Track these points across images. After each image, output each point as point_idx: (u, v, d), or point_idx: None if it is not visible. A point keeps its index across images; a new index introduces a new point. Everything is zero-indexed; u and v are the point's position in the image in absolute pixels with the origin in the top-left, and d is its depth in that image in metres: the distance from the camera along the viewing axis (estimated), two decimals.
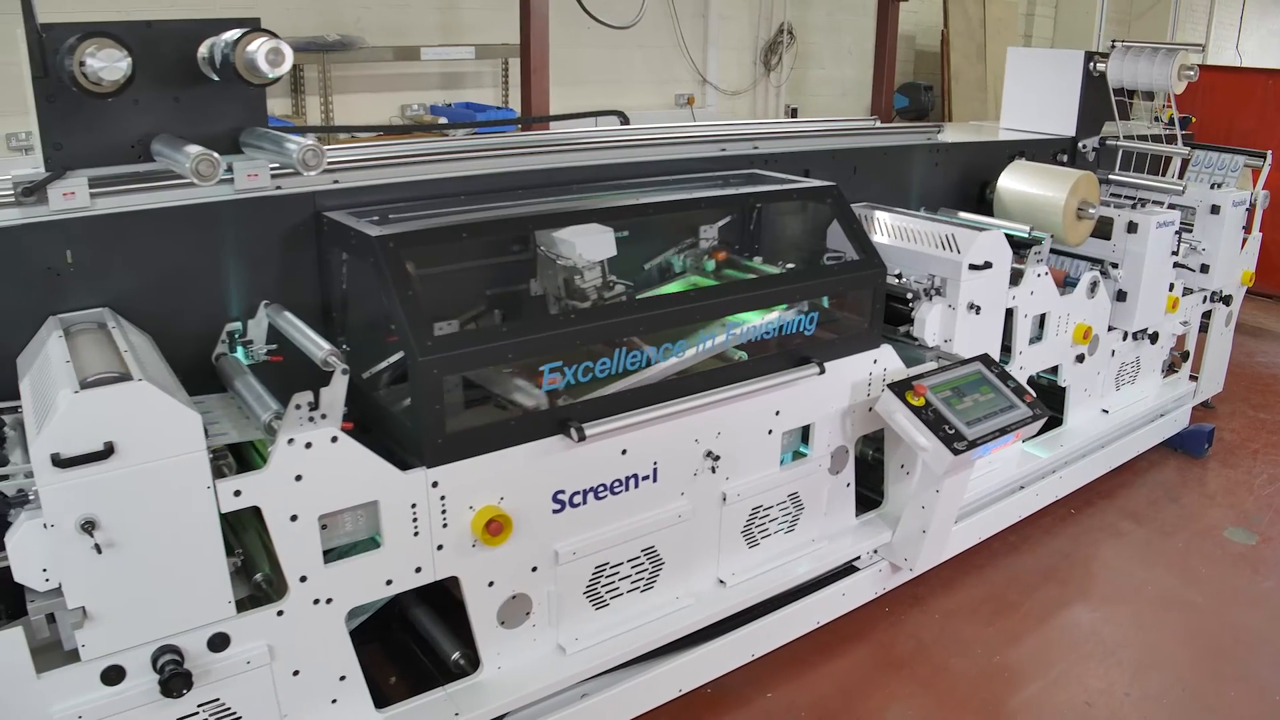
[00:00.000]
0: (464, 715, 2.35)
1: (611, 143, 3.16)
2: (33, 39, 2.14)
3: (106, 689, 1.96)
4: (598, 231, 2.40)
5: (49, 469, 1.79)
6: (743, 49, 7.52)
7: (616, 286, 2.43)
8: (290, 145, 2.02)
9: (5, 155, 4.81)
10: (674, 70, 7.06)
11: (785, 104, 7.89)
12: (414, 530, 2.23)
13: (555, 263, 2.42)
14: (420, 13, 5.78)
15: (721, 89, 7.29)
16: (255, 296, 2.53)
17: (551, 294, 2.51)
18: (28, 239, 2.27)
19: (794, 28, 7.62)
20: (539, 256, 2.50)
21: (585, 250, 2.35)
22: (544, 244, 2.52)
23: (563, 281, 2.43)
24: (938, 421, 2.89)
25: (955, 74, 8.01)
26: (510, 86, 6.05)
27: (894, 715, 2.84)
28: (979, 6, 7.99)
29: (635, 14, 4.94)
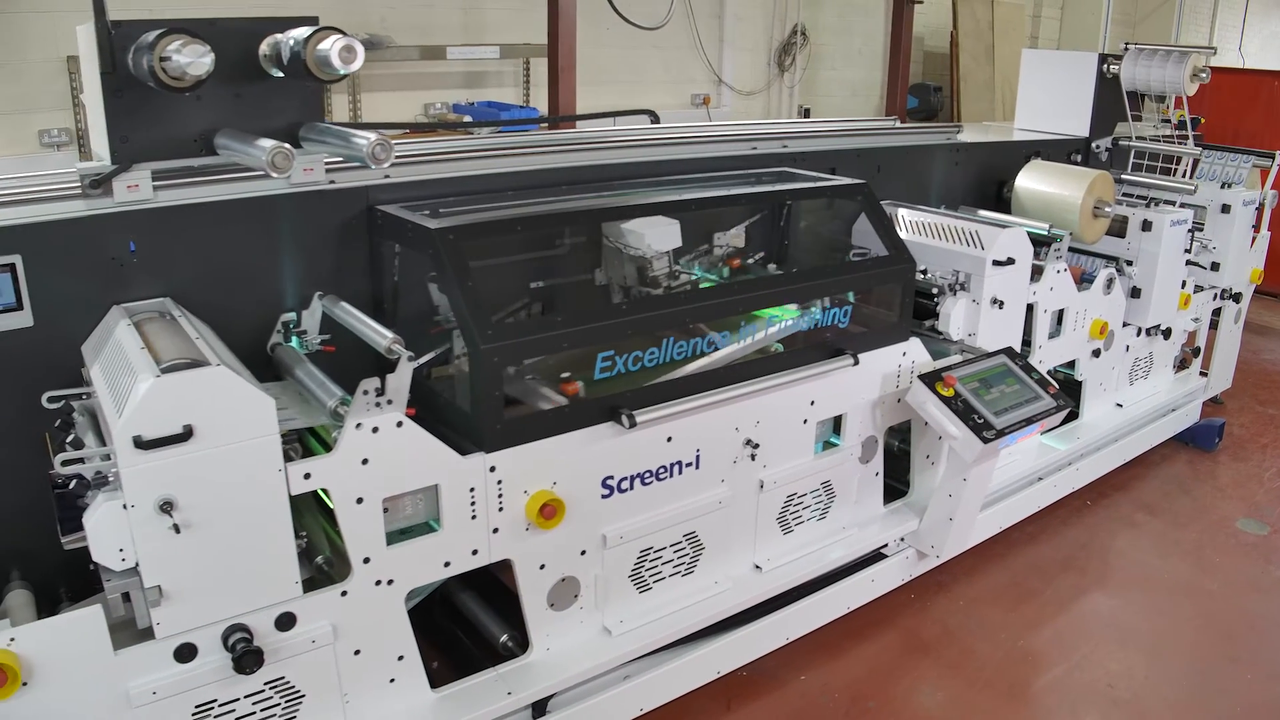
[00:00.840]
0: (516, 694, 2.39)
1: (648, 140, 3.21)
2: (103, 35, 2.18)
3: (179, 666, 2.00)
4: (664, 223, 2.44)
5: (131, 450, 1.83)
6: (757, 50, 7.58)
7: (681, 275, 2.48)
8: (359, 140, 2.06)
9: (38, 151, 4.83)
10: (690, 71, 7.11)
11: (798, 104, 7.95)
12: (472, 514, 2.27)
13: (622, 253, 2.46)
14: (444, 13, 5.81)
15: (736, 89, 7.34)
16: (309, 288, 2.58)
17: (617, 283, 2.56)
18: (93, 230, 2.31)
19: (806, 29, 7.69)
20: (604, 247, 2.55)
21: (654, 241, 2.39)
22: (611, 235, 2.56)
23: (635, 271, 2.48)
24: (967, 411, 2.95)
25: (964, 75, 8.08)
26: (531, 86, 6.09)
27: (924, 696, 2.90)
28: (987, 9, 8.07)
29: (663, 15, 4.98)
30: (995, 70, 8.12)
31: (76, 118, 4.79)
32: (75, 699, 1.92)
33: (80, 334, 2.32)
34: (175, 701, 2.02)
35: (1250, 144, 4.79)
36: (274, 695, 2.14)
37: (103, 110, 2.26)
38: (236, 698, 2.09)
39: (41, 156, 4.75)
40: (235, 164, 2.44)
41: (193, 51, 1.91)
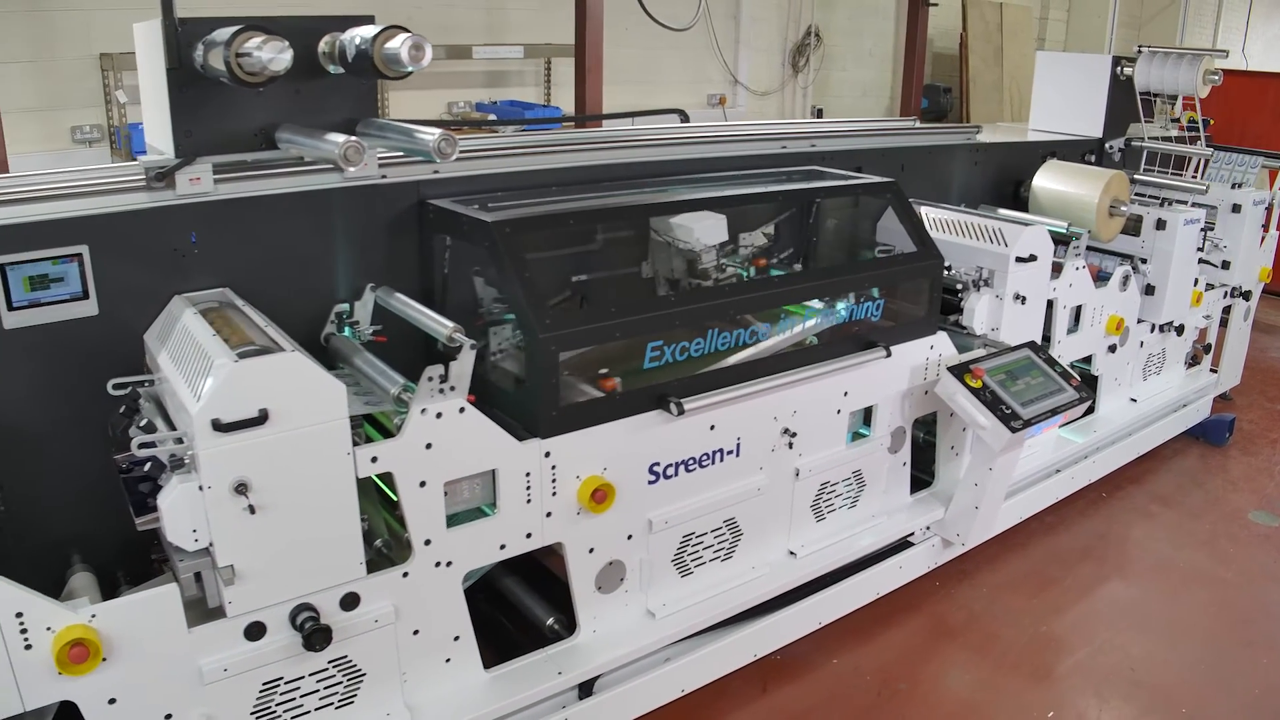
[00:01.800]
0: (566, 674, 2.44)
1: (683, 139, 3.26)
2: (170, 32, 2.22)
3: (249, 644, 2.05)
4: (712, 218, 2.50)
5: (209, 433, 1.88)
6: (772, 51, 7.64)
7: (728, 269, 2.53)
8: (424, 135, 2.10)
9: (70, 147, 4.86)
10: (707, 71, 7.17)
11: (811, 105, 8.01)
12: (527, 498, 2.32)
13: (670, 246, 2.52)
14: (467, 13, 5.85)
15: (752, 89, 7.40)
16: (361, 279, 2.62)
17: (664, 276, 2.61)
18: (156, 221, 2.35)
19: (820, 30, 7.75)
20: (651, 241, 2.60)
21: (702, 235, 2.45)
22: (659, 229, 2.61)
23: (683, 264, 2.53)
24: (995, 402, 3.01)
25: (973, 76, 8.16)
26: (553, 85, 6.14)
27: (952, 679, 2.96)
28: (996, 11, 8.14)
29: (690, 17, 5.03)
30: (1004, 72, 8.20)
31: (108, 114, 4.83)
32: (151, 674, 1.97)
33: (142, 323, 2.36)
34: (244, 679, 2.07)
35: (1257, 145, 4.87)
36: (337, 674, 2.19)
37: (166, 105, 2.30)
38: (301, 675, 2.14)
39: (73, 153, 4.78)
40: (289, 158, 2.49)
41: (274, 48, 1.95)
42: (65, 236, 2.24)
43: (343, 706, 2.21)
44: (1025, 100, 9.08)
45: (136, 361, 2.38)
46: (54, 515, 2.39)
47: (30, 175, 2.35)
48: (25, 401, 2.28)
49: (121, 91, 4.61)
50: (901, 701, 2.85)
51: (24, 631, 1.83)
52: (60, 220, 2.24)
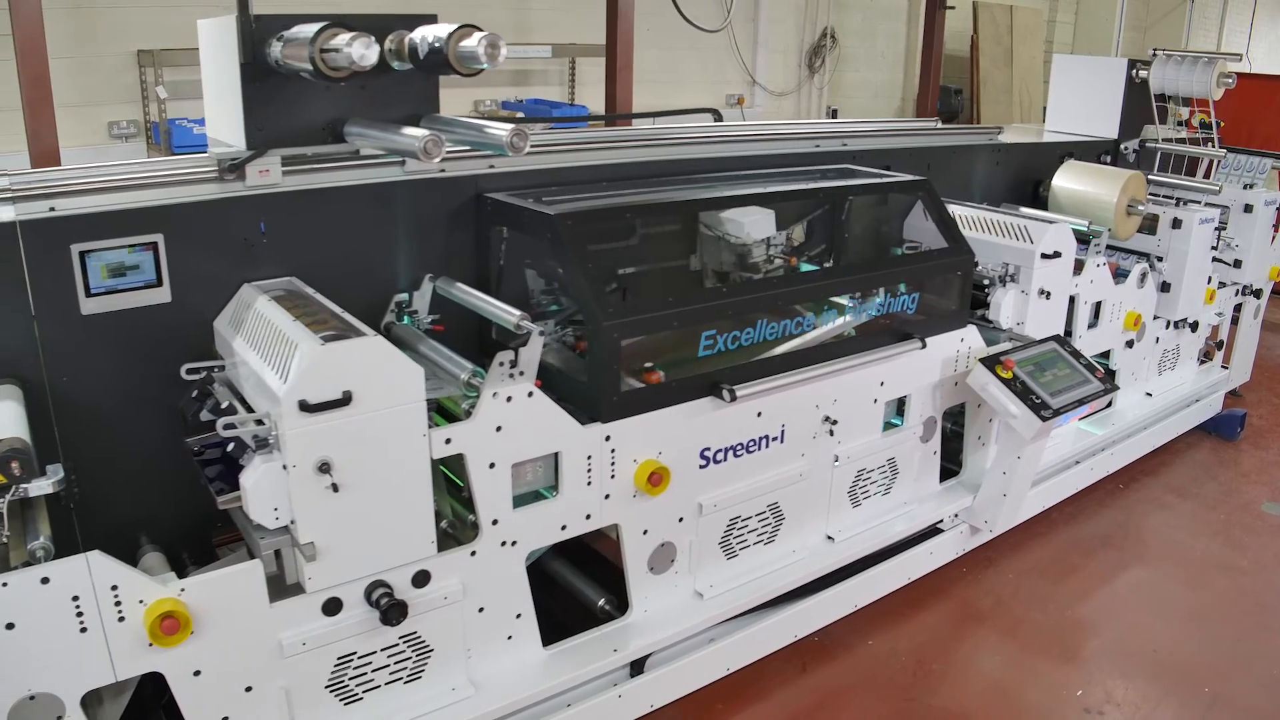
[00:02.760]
0: (620, 652, 2.51)
1: (723, 137, 3.34)
2: (246, 28, 2.27)
3: (326, 619, 2.11)
4: (760, 213, 2.57)
5: (296, 414, 1.94)
6: (789, 52, 7.73)
7: (775, 260, 2.61)
8: (496, 130, 2.16)
9: (107, 142, 4.90)
10: (725, 71, 7.25)
11: (826, 105, 8.10)
12: (587, 480, 2.39)
13: (721, 240, 2.59)
14: (493, 12, 5.91)
15: (769, 90, 7.49)
16: (420, 270, 2.68)
17: (713, 268, 2.69)
18: (226, 211, 2.41)
19: (834, 32, 7.84)
20: (701, 234, 2.67)
21: (752, 229, 2.52)
22: (710, 223, 2.68)
23: (733, 256, 2.60)
24: (1025, 392, 3.09)
25: (984, 78, 8.26)
26: (577, 84, 6.20)
27: (983, 660, 3.04)
28: (1006, 14, 8.24)
29: (714, 17, 5.10)
30: (1014, 73, 8.30)
31: (144, 110, 4.87)
32: (233, 647, 2.03)
33: (212, 310, 2.42)
34: (321, 653, 2.13)
35: (1266, 146, 4.97)
36: (407, 649, 2.25)
37: (238, 98, 2.36)
38: (374, 650, 2.20)
39: (110, 148, 4.82)
40: (346, 151, 2.55)
41: (363, 44, 2.01)
42: (142, 225, 2.30)
43: (411, 681, 2.27)
44: (1035, 102, 9.22)
45: (206, 347, 2.44)
46: (124, 497, 2.45)
47: (108, 165, 2.40)
48: (99, 386, 2.34)
49: (162, 87, 4.66)
50: (936, 681, 2.92)
51: (118, 604, 1.90)
52: (137, 210, 2.30)
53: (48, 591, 1.83)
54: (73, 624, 1.86)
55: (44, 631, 1.84)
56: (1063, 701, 2.85)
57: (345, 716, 2.20)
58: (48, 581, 1.82)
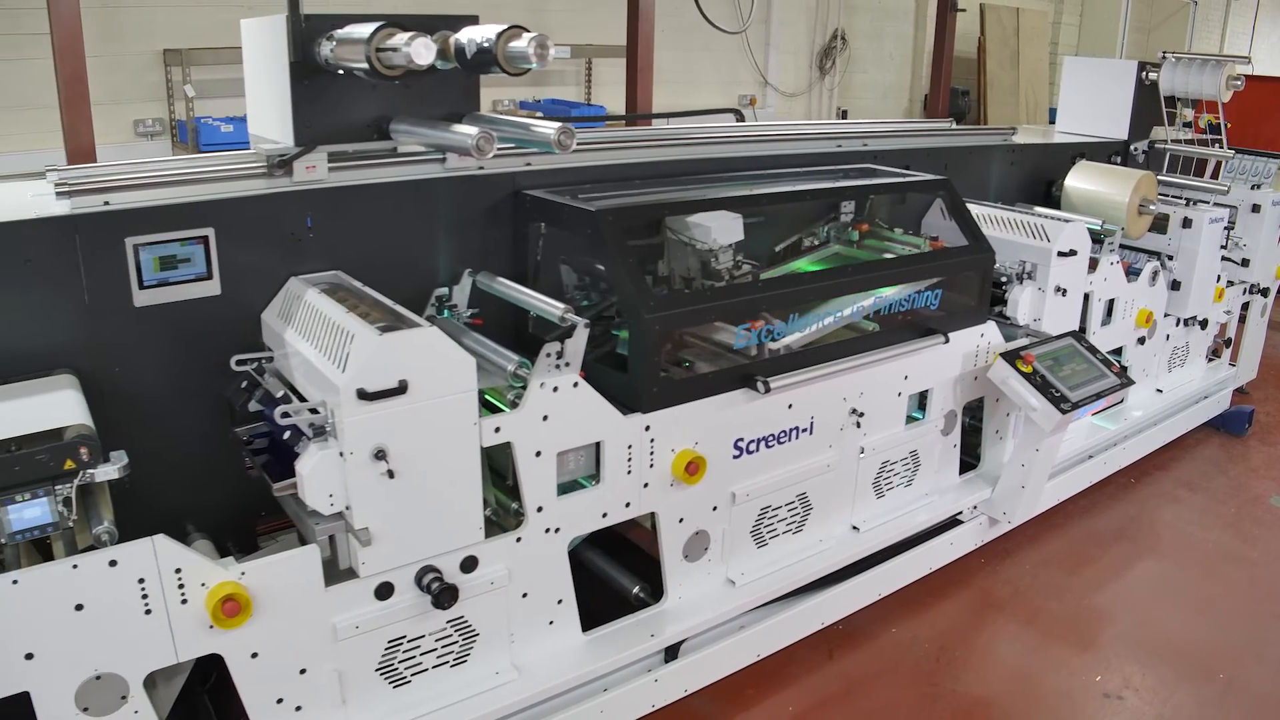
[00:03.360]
0: (657, 637, 2.57)
1: (749, 137, 3.40)
2: (296, 27, 2.32)
3: (378, 603, 2.17)
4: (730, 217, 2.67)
5: (354, 403, 1.99)
6: (800, 53, 7.81)
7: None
8: (543, 129, 2.22)
9: (132, 140, 4.94)
10: (738, 72, 7.32)
11: (836, 106, 8.17)
12: (628, 469, 2.44)
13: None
14: (511, 12, 5.96)
15: (781, 91, 7.56)
16: (459, 265, 2.74)
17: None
18: (274, 207, 2.46)
19: (845, 34, 7.92)
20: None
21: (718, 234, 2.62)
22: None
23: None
24: (1045, 386, 3.15)
25: (991, 80, 8.35)
26: (594, 84, 6.26)
27: (1004, 647, 3.10)
28: (1013, 16, 8.33)
29: (739, 19, 5.16)
30: (1020, 75, 8.39)
31: (170, 108, 4.91)
32: (289, 630, 2.08)
33: (260, 302, 2.47)
34: (372, 637, 2.18)
35: (1268, 148, 5.04)
36: (454, 633, 2.30)
37: (286, 96, 2.40)
38: (423, 634, 2.26)
39: (136, 145, 4.86)
40: (384, 148, 2.59)
41: (422, 44, 2.06)
42: (193, 220, 2.35)
43: (457, 665, 2.33)
44: (1040, 103, 9.30)
45: (254, 339, 2.49)
46: (171, 486, 2.49)
47: (158, 161, 2.45)
48: (149, 377, 2.38)
49: (189, 86, 4.70)
50: (959, 667, 2.98)
51: (181, 586, 1.95)
52: (189, 204, 2.35)
53: (115, 574, 1.88)
54: (138, 605, 1.91)
55: (111, 613, 1.89)
56: (1083, 687, 2.92)
57: (394, 699, 2.25)
58: (115, 564, 1.87)
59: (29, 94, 4.49)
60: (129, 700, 1.95)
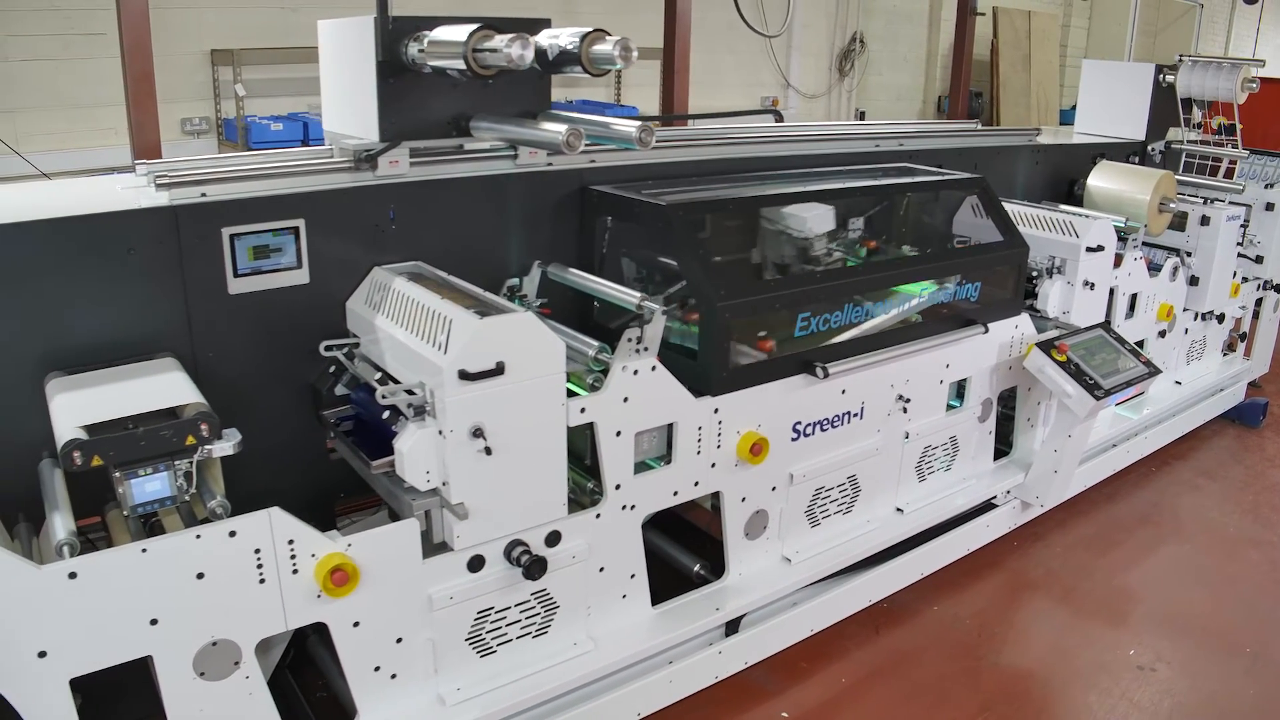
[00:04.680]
0: (722, 610, 2.69)
1: (793, 137, 3.53)
2: (384, 28, 2.43)
3: (470, 575, 2.28)
4: (822, 208, 2.79)
5: (455, 383, 2.09)
6: (820, 55, 7.95)
7: (861, 250, 2.80)
8: (624, 127, 2.33)
9: (179, 138, 5.03)
10: (760, 74, 7.45)
11: (855, 107, 8.31)
12: (697, 449, 2.56)
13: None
14: (543, 14, 6.02)
15: (801, 92, 7.69)
16: (528, 257, 2.85)
17: (802, 256, 2.91)
18: (360, 199, 2.57)
19: (863, 36, 8.07)
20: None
21: (814, 224, 2.75)
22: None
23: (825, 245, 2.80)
24: (1079, 373, 3.28)
25: (1003, 81, 8.50)
26: (624, 86, 6.37)
27: (1041, 624, 3.23)
28: (1024, 19, 8.49)
29: (764, 21, 5.27)
30: (1032, 78, 8.54)
31: (216, 107, 5.00)
32: (389, 600, 2.19)
33: (345, 291, 2.58)
34: (464, 607, 2.30)
35: (1277, 148, 5.19)
36: (537, 605, 2.42)
37: (372, 94, 2.50)
38: (509, 606, 2.37)
39: (183, 143, 4.95)
40: (449, 145, 2.69)
41: (521, 45, 2.17)
42: (285, 211, 2.45)
43: (539, 635, 2.44)
44: (1051, 104, 9.45)
45: (338, 326, 2.59)
46: (255, 468, 2.57)
47: (252, 155, 2.56)
48: (240, 361, 2.49)
49: (240, 85, 4.79)
50: (999, 642, 3.11)
51: (293, 557, 2.05)
52: (282, 196, 2.45)
53: (234, 544, 1.98)
54: (253, 575, 2.02)
55: (228, 581, 1.99)
56: (1117, 660, 3.05)
57: (481, 668, 2.36)
58: (234, 535, 1.98)
59: (78, 93, 4.58)
60: (241, 666, 2.05)
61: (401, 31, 2.48)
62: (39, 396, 2.18)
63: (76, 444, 1.87)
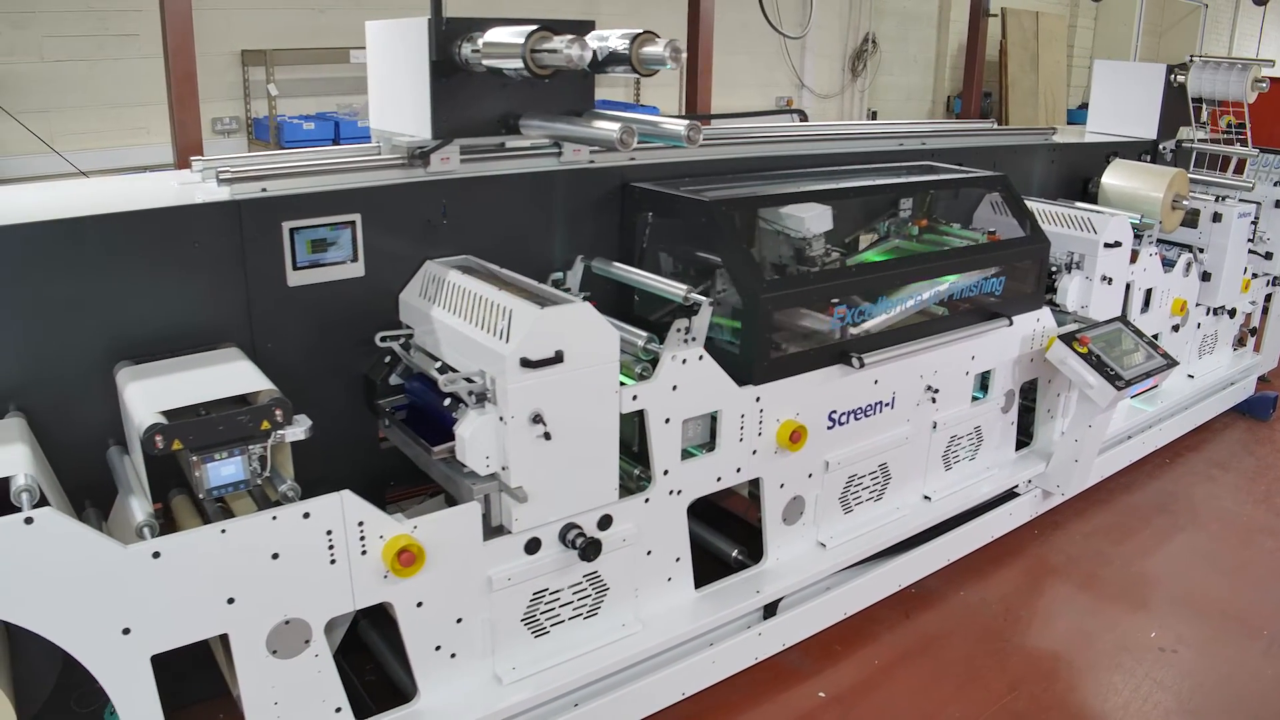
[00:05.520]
0: (762, 593, 2.78)
1: (821, 136, 3.62)
2: (438, 29, 2.51)
3: (527, 557, 2.36)
4: (820, 208, 2.90)
5: (517, 371, 2.18)
6: (833, 56, 8.04)
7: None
8: (673, 125, 2.41)
9: (210, 137, 5.09)
10: (774, 74, 7.54)
11: (866, 108, 8.42)
12: (740, 436, 2.65)
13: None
14: (561, 15, 6.11)
15: (815, 93, 7.79)
16: (571, 251, 2.94)
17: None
18: (413, 195, 2.65)
19: (876, 38, 8.18)
20: None
21: (811, 224, 2.85)
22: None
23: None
24: (1100, 364, 3.38)
25: (1012, 82, 8.61)
26: (643, 85, 6.45)
27: (1063, 607, 3.33)
28: (1033, 20, 8.59)
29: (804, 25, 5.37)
30: (1039, 78, 8.66)
31: (246, 107, 5.07)
32: (451, 581, 2.27)
33: (398, 284, 2.66)
34: (521, 589, 2.38)
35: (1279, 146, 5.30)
36: (588, 587, 2.50)
37: (426, 93, 2.58)
38: (562, 587, 2.45)
39: (213, 143, 5.02)
40: (490, 143, 2.76)
41: (579, 46, 2.25)
42: (342, 206, 2.54)
43: (589, 617, 2.52)
44: (1059, 104, 9.56)
45: (391, 318, 2.67)
46: (312, 457, 2.64)
47: (310, 152, 2.63)
48: (296, 352, 2.56)
49: (273, 85, 4.86)
50: (1024, 625, 3.20)
51: (363, 538, 2.13)
52: (340, 191, 2.53)
53: (308, 525, 2.06)
54: (325, 556, 2.10)
55: (302, 562, 2.07)
56: (1139, 642, 3.14)
57: (534, 648, 2.44)
58: (308, 516, 2.06)
59: (111, 92, 4.64)
60: (311, 644, 2.13)
61: (454, 32, 2.57)
62: (106, 386, 2.26)
63: (159, 428, 1.94)
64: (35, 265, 2.16)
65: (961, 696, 2.84)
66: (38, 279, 2.17)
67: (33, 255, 2.16)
